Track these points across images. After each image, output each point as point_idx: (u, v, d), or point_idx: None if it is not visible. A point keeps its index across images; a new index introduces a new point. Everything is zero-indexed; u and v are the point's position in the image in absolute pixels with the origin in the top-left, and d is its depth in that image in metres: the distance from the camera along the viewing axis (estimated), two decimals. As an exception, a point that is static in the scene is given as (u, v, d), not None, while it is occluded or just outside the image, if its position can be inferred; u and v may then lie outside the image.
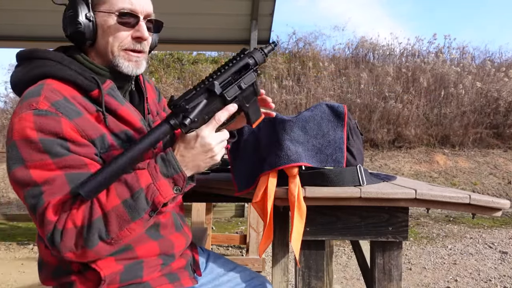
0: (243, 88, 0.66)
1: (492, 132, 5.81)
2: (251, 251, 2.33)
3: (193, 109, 0.61)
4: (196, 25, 3.33)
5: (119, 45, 0.69)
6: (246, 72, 0.67)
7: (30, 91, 0.64)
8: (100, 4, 0.68)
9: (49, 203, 0.59)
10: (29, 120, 0.60)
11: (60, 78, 0.66)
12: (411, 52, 7.08)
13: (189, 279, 0.77)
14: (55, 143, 0.60)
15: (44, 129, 0.59)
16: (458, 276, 2.28)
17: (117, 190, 0.59)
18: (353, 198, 0.75)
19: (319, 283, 0.81)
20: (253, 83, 0.67)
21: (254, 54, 0.69)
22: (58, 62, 0.67)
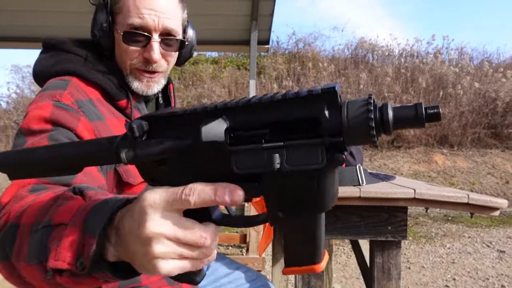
0: (283, 170, 0.26)
1: (490, 132, 5.83)
2: (251, 250, 2.34)
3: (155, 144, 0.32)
4: (196, 25, 3.32)
5: (130, 63, 0.64)
6: (305, 139, 0.28)
7: (55, 82, 0.61)
8: (117, 14, 0.63)
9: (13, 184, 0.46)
10: (46, 110, 0.55)
11: (89, 80, 0.62)
12: (410, 53, 7.10)
13: None
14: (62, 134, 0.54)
15: (57, 120, 0.55)
16: (456, 275, 2.30)
17: (37, 209, 0.40)
18: (352, 197, 0.76)
19: (319, 282, 0.82)
20: (313, 172, 0.29)
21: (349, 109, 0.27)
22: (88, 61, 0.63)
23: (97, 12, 0.64)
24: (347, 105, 0.29)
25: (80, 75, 0.63)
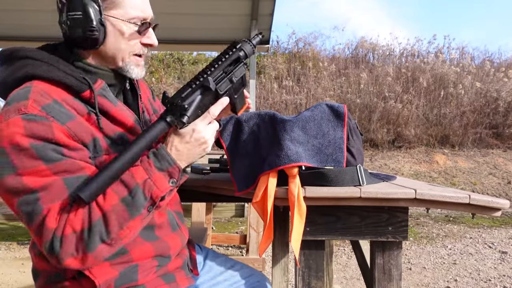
0: (234, 81, 0.69)
1: (491, 132, 5.82)
2: (251, 251, 2.33)
3: (189, 106, 0.62)
4: (196, 25, 3.33)
5: (130, 51, 0.68)
6: (236, 66, 0.69)
7: (16, 93, 0.60)
8: (111, 9, 0.64)
9: (49, 210, 0.56)
10: (19, 125, 0.56)
11: (48, 79, 0.62)
12: (411, 52, 7.09)
13: (185, 279, 0.76)
14: (48, 148, 0.57)
15: (35, 134, 0.57)
16: (458, 276, 2.28)
17: (114, 189, 0.58)
18: (353, 198, 0.75)
19: (319, 283, 0.81)
20: (242, 76, 0.70)
21: (244, 47, 0.70)
22: (45, 62, 0.63)
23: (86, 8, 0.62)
24: (242, 47, 0.71)
25: (39, 77, 0.62)
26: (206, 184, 0.98)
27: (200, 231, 1.84)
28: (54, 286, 0.67)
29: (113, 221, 0.57)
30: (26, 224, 0.58)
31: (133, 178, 0.59)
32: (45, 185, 0.57)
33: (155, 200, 0.60)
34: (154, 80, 7.03)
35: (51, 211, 0.56)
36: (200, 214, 2.40)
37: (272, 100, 6.33)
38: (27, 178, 0.56)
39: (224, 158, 1.29)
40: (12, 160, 0.56)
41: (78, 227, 0.57)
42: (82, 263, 0.58)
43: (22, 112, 0.57)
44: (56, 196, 0.57)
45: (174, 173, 0.62)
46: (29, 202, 0.57)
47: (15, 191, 0.57)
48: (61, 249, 0.56)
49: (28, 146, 0.56)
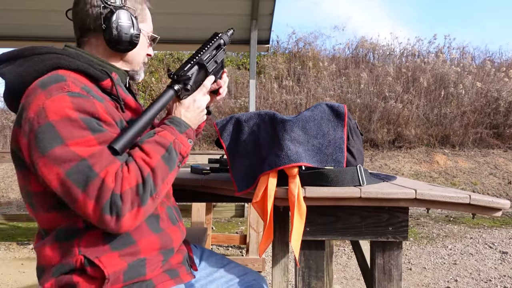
0: (218, 62, 0.84)
1: (492, 132, 5.81)
2: (251, 251, 2.33)
3: (191, 76, 0.78)
4: (196, 25, 3.33)
5: (143, 58, 0.83)
6: (218, 51, 0.84)
7: (48, 78, 0.65)
8: (141, 22, 0.79)
9: (107, 173, 0.61)
10: (66, 101, 0.62)
11: (73, 69, 0.68)
12: (411, 52, 7.08)
13: (187, 274, 0.78)
14: (93, 121, 0.64)
15: (82, 108, 0.63)
16: (458, 276, 2.28)
17: (154, 149, 0.67)
18: (353, 198, 0.75)
19: (319, 283, 0.81)
20: (222, 59, 0.86)
21: (223, 37, 0.87)
22: (66, 55, 0.70)
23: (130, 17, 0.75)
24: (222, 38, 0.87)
25: (64, 67, 0.68)
26: (206, 184, 0.98)
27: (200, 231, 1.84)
28: (62, 279, 0.67)
29: (159, 175, 0.66)
30: (76, 194, 0.60)
31: (166, 139, 0.70)
32: (93, 153, 0.61)
33: (184, 155, 0.72)
34: (154, 80, 7.04)
35: (108, 173, 0.61)
36: (200, 214, 2.40)
37: (272, 100, 6.33)
38: (76, 148, 0.61)
39: (224, 158, 1.29)
40: (59, 132, 0.61)
41: (133, 183, 0.63)
42: (135, 219, 0.63)
43: (66, 90, 0.63)
44: (108, 162, 0.62)
45: (190, 133, 0.76)
46: (81, 170, 0.60)
47: (64, 161, 0.60)
48: (123, 205, 0.61)
49: (78, 118, 0.62)
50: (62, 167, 0.60)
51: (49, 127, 0.60)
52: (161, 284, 0.71)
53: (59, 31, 3.30)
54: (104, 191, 0.60)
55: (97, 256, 0.65)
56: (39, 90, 0.63)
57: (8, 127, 6.70)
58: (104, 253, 0.66)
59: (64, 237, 0.67)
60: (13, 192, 5.20)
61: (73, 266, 0.66)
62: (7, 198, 5.05)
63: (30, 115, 0.62)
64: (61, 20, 0.76)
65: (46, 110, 0.61)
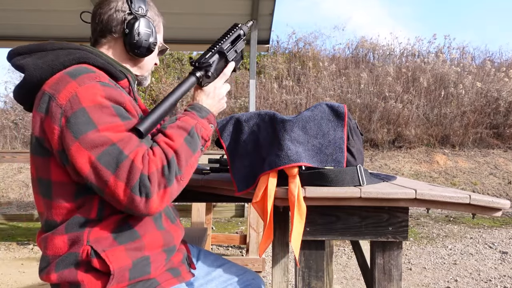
0: (237, 52, 0.87)
1: (492, 132, 5.81)
2: (251, 251, 2.33)
3: (212, 66, 0.81)
4: (196, 25, 3.33)
5: (152, 66, 0.87)
6: (238, 40, 0.86)
7: (75, 69, 0.68)
8: (157, 33, 0.83)
9: (136, 154, 0.64)
10: (99, 89, 0.66)
11: (96, 65, 0.72)
12: (411, 52, 7.08)
13: (187, 273, 0.79)
14: (122, 109, 0.68)
15: (113, 97, 0.67)
16: (458, 276, 2.28)
17: (176, 133, 0.70)
18: (353, 198, 0.75)
19: (319, 283, 0.81)
20: (242, 49, 0.90)
21: (242, 27, 0.89)
22: (89, 52, 0.73)
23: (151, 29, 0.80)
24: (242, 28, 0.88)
25: (88, 62, 0.72)
26: (206, 184, 0.98)
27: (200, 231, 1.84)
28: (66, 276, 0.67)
29: (182, 157, 0.68)
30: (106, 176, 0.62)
31: (188, 123, 0.73)
32: (123, 138, 0.65)
33: (206, 139, 0.75)
34: (154, 80, 7.04)
35: (137, 155, 0.64)
36: (200, 214, 2.40)
37: (272, 100, 6.34)
38: (107, 133, 0.64)
39: (224, 158, 1.29)
40: (92, 118, 0.64)
41: (159, 165, 0.65)
42: (162, 200, 0.65)
43: (98, 79, 0.67)
44: (135, 145, 0.65)
45: (211, 119, 0.78)
46: (111, 153, 0.63)
47: (96, 145, 0.63)
48: (151, 185, 0.63)
49: (109, 105, 0.66)
50: (94, 151, 0.62)
51: (83, 112, 0.63)
52: (165, 283, 0.72)
53: (59, 31, 3.30)
54: (134, 172, 0.62)
55: (104, 249, 0.66)
56: (69, 79, 0.66)
57: (8, 127, 6.69)
58: (111, 246, 0.67)
59: (75, 227, 0.68)
60: (13, 192, 5.20)
61: (79, 258, 0.66)
62: (7, 198, 5.05)
63: (62, 102, 0.64)
64: (61, 20, 0.76)
65: (79, 96, 0.64)
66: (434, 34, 7.58)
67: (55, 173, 0.68)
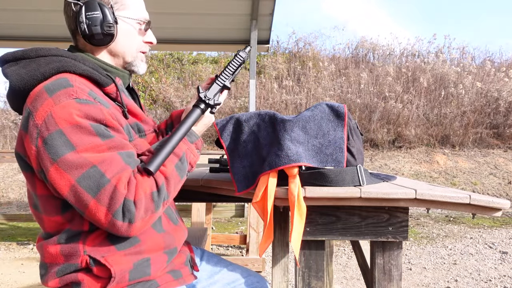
0: (234, 80, 0.87)
1: (492, 132, 5.81)
2: (251, 251, 2.33)
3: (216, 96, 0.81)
4: (196, 25, 3.33)
5: (137, 48, 0.77)
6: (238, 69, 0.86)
7: (53, 83, 0.63)
8: (121, 10, 0.74)
9: (119, 179, 0.61)
10: (75, 108, 0.61)
11: (79, 73, 0.68)
12: (411, 52, 7.08)
13: (190, 275, 0.78)
14: (102, 127, 0.64)
15: (90, 115, 0.63)
16: (458, 276, 2.28)
17: (169, 159, 0.69)
18: (353, 198, 0.75)
19: (319, 283, 0.81)
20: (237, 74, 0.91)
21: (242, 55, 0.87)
22: (72, 59, 0.69)
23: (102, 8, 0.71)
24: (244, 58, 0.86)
25: (70, 71, 0.67)
26: (206, 184, 0.98)
27: (200, 231, 1.83)
28: (66, 278, 0.67)
29: (172, 183, 0.68)
30: (86, 200, 0.60)
31: (180, 149, 0.72)
32: (104, 160, 0.61)
33: (193, 165, 0.76)
34: (154, 80, 7.03)
35: (120, 180, 0.61)
36: (200, 214, 2.40)
37: (272, 100, 6.33)
38: (87, 154, 0.61)
39: (224, 158, 1.29)
40: (70, 139, 0.60)
41: (148, 191, 0.64)
42: (146, 224, 0.65)
43: (73, 96, 0.63)
44: (120, 168, 0.63)
45: (199, 144, 0.78)
46: (92, 176, 0.60)
47: (75, 167, 0.60)
48: (136, 211, 0.62)
49: (87, 125, 0.62)
50: (73, 174, 0.60)
51: (59, 134, 0.60)
52: (165, 285, 0.72)
53: (59, 31, 3.29)
54: (117, 198, 0.60)
55: (103, 255, 0.66)
56: (46, 96, 0.62)
57: (8, 127, 6.69)
58: (110, 252, 0.66)
59: (68, 239, 0.67)
60: (13, 192, 5.19)
61: (78, 267, 0.66)
62: (7, 198, 5.04)
63: (38, 122, 0.61)
64: (61, 20, 0.76)
65: (54, 117, 0.60)
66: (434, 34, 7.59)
67: (40, 187, 0.67)
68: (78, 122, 0.61)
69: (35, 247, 3.10)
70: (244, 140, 0.87)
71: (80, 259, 0.66)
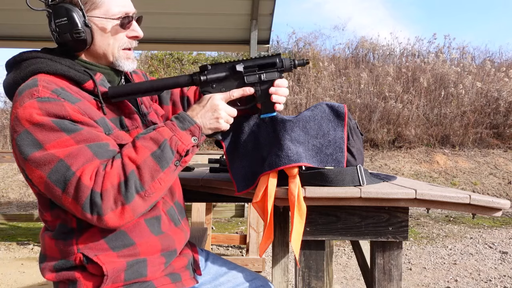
0: (262, 80, 0.76)
1: (492, 132, 5.81)
2: (251, 251, 2.33)
3: (213, 73, 0.75)
4: (196, 25, 3.33)
5: (119, 46, 0.73)
6: (270, 69, 0.76)
7: (24, 85, 0.66)
8: (93, 10, 0.70)
9: (83, 171, 0.60)
10: (35, 107, 0.62)
11: (52, 72, 0.67)
12: (411, 52, 7.08)
13: (190, 279, 0.77)
14: (66, 122, 0.62)
15: (51, 113, 0.62)
16: (458, 276, 2.28)
17: (144, 145, 0.65)
18: (353, 198, 0.75)
19: (319, 283, 0.81)
20: (272, 80, 0.77)
21: (284, 59, 0.78)
22: (48, 59, 0.69)
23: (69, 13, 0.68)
24: (283, 59, 0.77)
25: (43, 71, 0.67)
26: (206, 184, 0.98)
27: (200, 231, 1.83)
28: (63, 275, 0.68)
29: (146, 173, 0.63)
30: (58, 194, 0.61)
31: (161, 135, 0.66)
32: (71, 153, 0.61)
33: (181, 153, 0.67)
34: (154, 80, 7.02)
35: (84, 172, 0.61)
36: (200, 214, 2.40)
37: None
38: (54, 150, 0.61)
39: (224, 158, 1.29)
40: (37, 137, 0.61)
41: (115, 181, 0.61)
42: (121, 217, 0.61)
43: (35, 96, 0.63)
44: (85, 160, 0.61)
45: (195, 131, 0.69)
46: (59, 170, 0.60)
47: (44, 163, 0.60)
48: (103, 203, 0.60)
49: (48, 122, 0.61)
50: (43, 170, 0.61)
51: (26, 134, 0.61)
52: (162, 287, 0.71)
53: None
54: (81, 190, 0.59)
55: (96, 254, 0.66)
56: (16, 98, 0.64)
57: (8, 127, 6.69)
58: (103, 251, 0.67)
59: (62, 235, 0.69)
60: (13, 192, 5.19)
61: (73, 264, 0.67)
62: (7, 198, 5.04)
63: (11, 124, 0.64)
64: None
65: (19, 118, 0.62)
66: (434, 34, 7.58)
67: (31, 186, 0.69)
68: (39, 121, 0.61)
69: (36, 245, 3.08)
70: (244, 140, 0.86)
71: (74, 256, 0.67)
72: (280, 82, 0.76)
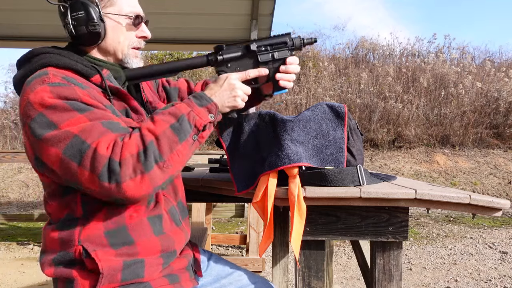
0: (275, 58, 0.79)
1: (492, 132, 5.81)
2: (251, 251, 2.33)
3: (228, 53, 0.78)
4: (196, 25, 3.33)
5: (129, 44, 0.77)
6: (281, 48, 0.79)
7: (33, 76, 0.67)
8: (108, 7, 0.74)
9: (98, 143, 0.61)
10: (46, 91, 0.64)
11: (61, 66, 0.69)
12: (411, 52, 7.08)
13: (189, 281, 0.76)
14: (78, 103, 0.64)
15: (62, 95, 0.64)
16: (458, 276, 2.28)
17: (163, 118, 0.66)
18: (353, 198, 0.75)
19: (319, 283, 0.81)
20: (284, 58, 0.80)
21: (294, 38, 0.81)
22: (57, 53, 0.71)
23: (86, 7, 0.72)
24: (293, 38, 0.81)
25: (52, 65, 0.70)
26: (206, 184, 0.98)
27: (200, 231, 1.83)
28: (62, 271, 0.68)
29: (165, 144, 0.64)
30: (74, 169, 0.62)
31: (179, 110, 0.68)
32: (85, 129, 0.62)
33: (199, 128, 0.69)
34: (154, 80, 7.03)
35: (100, 144, 0.62)
36: (200, 214, 2.40)
37: (272, 100, 6.33)
38: (68, 127, 0.62)
39: (224, 158, 1.29)
40: (51, 119, 0.63)
41: (134, 151, 0.62)
42: (139, 186, 0.61)
43: (46, 82, 0.65)
44: (100, 133, 0.63)
45: (212, 108, 0.72)
46: (74, 145, 0.62)
47: (59, 140, 0.62)
48: (121, 170, 0.60)
49: (61, 103, 0.63)
50: (59, 146, 0.62)
51: (40, 116, 0.63)
52: None
53: (59, 31, 3.29)
54: (98, 160, 0.60)
55: (95, 249, 0.66)
56: (25, 87, 0.66)
57: (8, 127, 6.70)
58: (102, 247, 0.67)
59: (66, 225, 0.69)
60: (13, 192, 5.20)
61: (72, 257, 0.67)
62: (7, 198, 5.05)
63: (21, 112, 0.66)
64: (61, 20, 0.76)
65: (31, 103, 0.64)
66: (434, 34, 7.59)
67: (41, 175, 0.70)
68: (52, 103, 0.63)
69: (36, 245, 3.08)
70: (244, 140, 0.87)
71: (74, 248, 0.67)
72: (292, 59, 0.80)
